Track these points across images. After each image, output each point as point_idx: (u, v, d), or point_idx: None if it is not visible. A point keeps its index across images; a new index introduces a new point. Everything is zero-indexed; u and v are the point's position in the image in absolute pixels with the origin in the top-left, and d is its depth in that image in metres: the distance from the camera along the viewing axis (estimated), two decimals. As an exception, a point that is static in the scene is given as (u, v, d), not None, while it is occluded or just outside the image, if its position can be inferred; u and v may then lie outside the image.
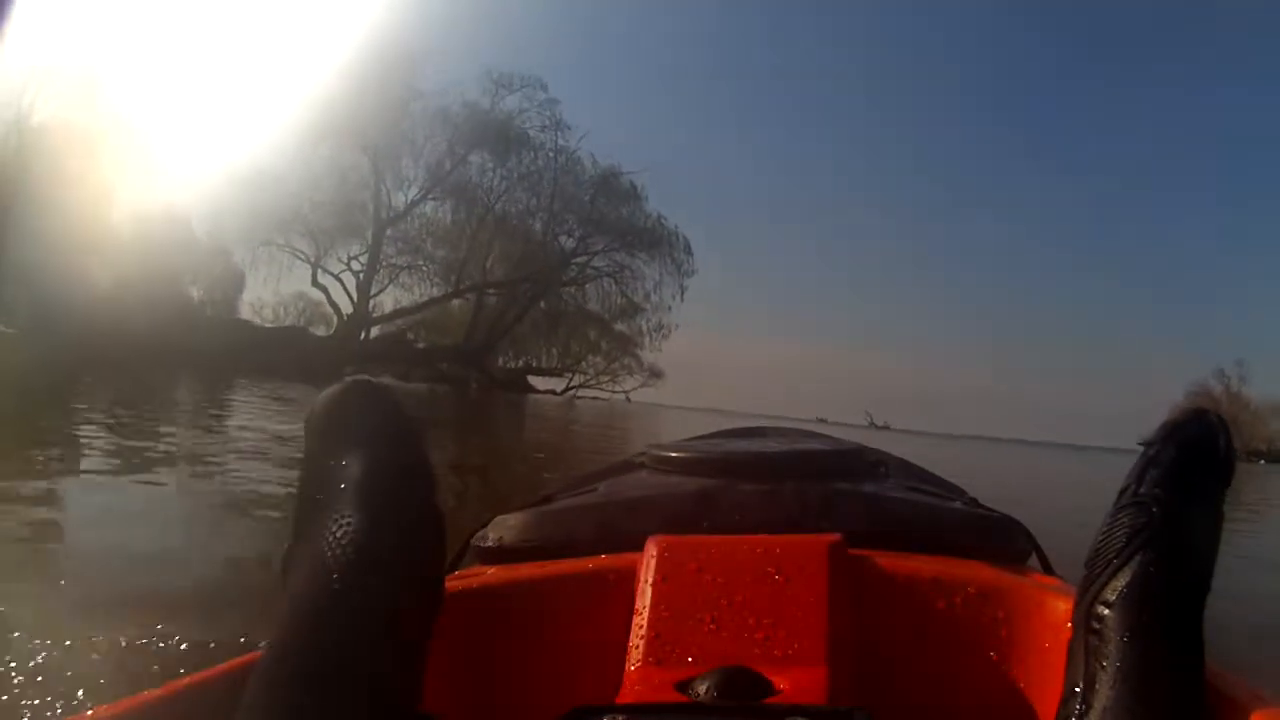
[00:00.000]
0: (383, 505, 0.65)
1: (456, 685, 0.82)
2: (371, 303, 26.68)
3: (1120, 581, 0.63)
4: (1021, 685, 0.80)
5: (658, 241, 27.67)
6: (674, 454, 1.16)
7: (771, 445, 1.26)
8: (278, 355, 19.92)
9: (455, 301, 27.44)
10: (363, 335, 26.48)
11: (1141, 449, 0.70)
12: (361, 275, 26.31)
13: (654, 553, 0.84)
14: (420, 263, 27.08)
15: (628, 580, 0.84)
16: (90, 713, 0.63)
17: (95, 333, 15.39)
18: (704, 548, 0.84)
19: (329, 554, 0.62)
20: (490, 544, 1.01)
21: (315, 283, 26.36)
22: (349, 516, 0.63)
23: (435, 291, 26.95)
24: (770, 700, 0.70)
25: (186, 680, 0.69)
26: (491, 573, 0.94)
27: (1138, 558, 0.63)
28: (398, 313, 27.35)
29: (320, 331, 26.21)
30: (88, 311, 16.47)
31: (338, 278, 26.50)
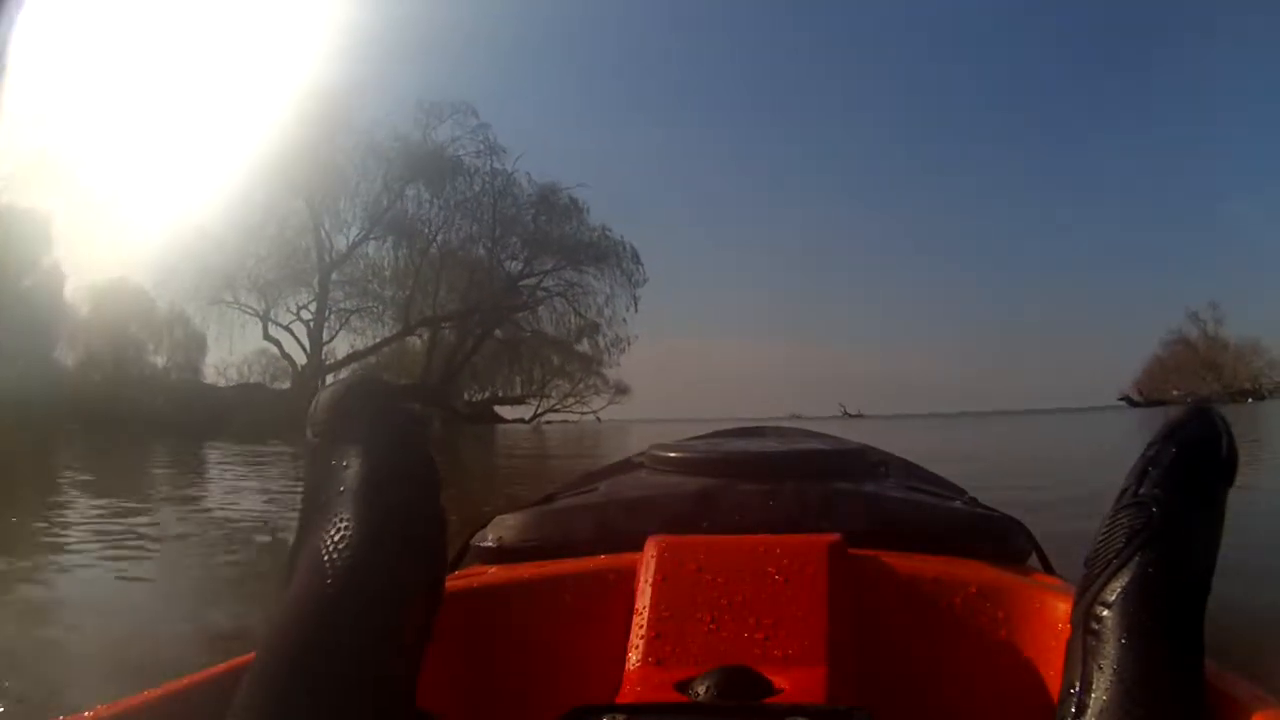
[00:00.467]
0: (381, 508, 0.64)
1: (456, 685, 0.82)
2: (325, 350, 26.23)
3: (1120, 582, 0.63)
4: (1021, 685, 0.80)
5: (605, 254, 27.36)
6: (674, 454, 1.16)
7: (771, 445, 1.26)
8: (238, 415, 19.52)
9: (410, 339, 27.15)
10: (320, 384, 26.01)
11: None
12: (311, 323, 25.91)
13: (654, 553, 0.84)
14: (369, 304, 26.62)
15: (628, 580, 0.84)
16: (90, 713, 0.63)
17: (62, 414, 15.00)
18: (704, 548, 0.84)
19: (325, 557, 0.62)
20: (490, 544, 1.00)
21: (267, 336, 25.82)
22: (347, 519, 0.63)
23: (387, 331, 26.63)
24: (770, 700, 0.70)
25: (185, 680, 0.69)
26: (491, 573, 0.93)
27: (1137, 558, 0.63)
28: (352, 357, 26.78)
29: (284, 385, 25.76)
30: (54, 393, 16.06)
31: (288, 329, 26.03)
